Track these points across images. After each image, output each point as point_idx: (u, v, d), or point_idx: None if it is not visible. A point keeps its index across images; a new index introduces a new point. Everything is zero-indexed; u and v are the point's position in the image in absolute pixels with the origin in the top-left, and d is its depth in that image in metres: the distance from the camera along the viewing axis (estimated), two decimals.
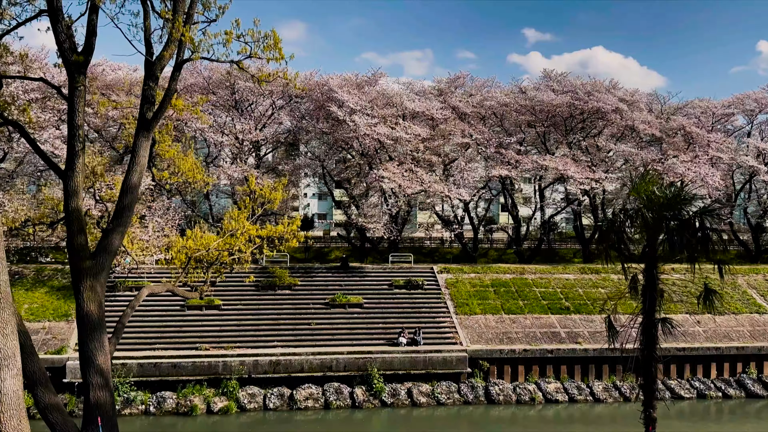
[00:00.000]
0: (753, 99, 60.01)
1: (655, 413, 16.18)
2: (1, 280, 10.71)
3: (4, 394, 10.67)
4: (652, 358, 15.85)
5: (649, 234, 14.90)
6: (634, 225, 15.19)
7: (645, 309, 15.61)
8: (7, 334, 10.76)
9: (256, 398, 36.40)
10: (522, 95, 54.63)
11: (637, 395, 38.79)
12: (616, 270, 52.26)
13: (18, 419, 10.82)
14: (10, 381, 10.75)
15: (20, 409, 10.91)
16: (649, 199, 14.45)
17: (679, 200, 14.24)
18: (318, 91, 52.80)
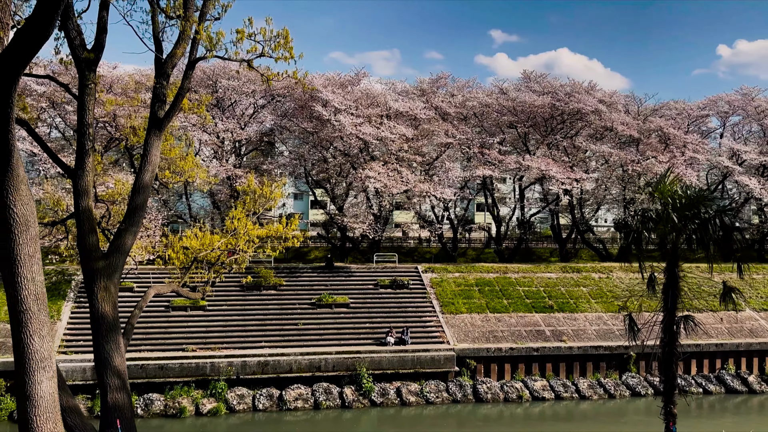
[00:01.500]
0: (726, 101, 61.46)
1: (675, 409, 16.45)
2: (36, 280, 10.50)
3: (40, 397, 10.47)
4: (673, 355, 16.09)
5: (673, 233, 15.19)
6: (657, 225, 15.43)
7: (667, 306, 15.80)
8: (44, 335, 10.56)
9: (245, 399, 36.15)
10: (504, 96, 55.12)
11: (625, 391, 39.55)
12: (596, 269, 53.32)
13: (54, 422, 10.63)
14: (46, 384, 10.56)
15: (56, 412, 10.71)
16: (672, 199, 14.76)
17: (701, 200, 14.58)
18: (300, 90, 52.54)
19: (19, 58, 8.42)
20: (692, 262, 17.11)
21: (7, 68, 8.49)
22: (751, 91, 60.21)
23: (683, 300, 16.16)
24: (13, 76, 8.69)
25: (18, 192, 10.12)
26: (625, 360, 41.84)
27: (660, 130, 54.94)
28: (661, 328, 16.32)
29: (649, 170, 52.04)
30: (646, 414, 37.89)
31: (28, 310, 10.33)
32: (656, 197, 15.13)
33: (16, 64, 8.50)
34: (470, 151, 52.52)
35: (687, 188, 15.26)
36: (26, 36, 8.12)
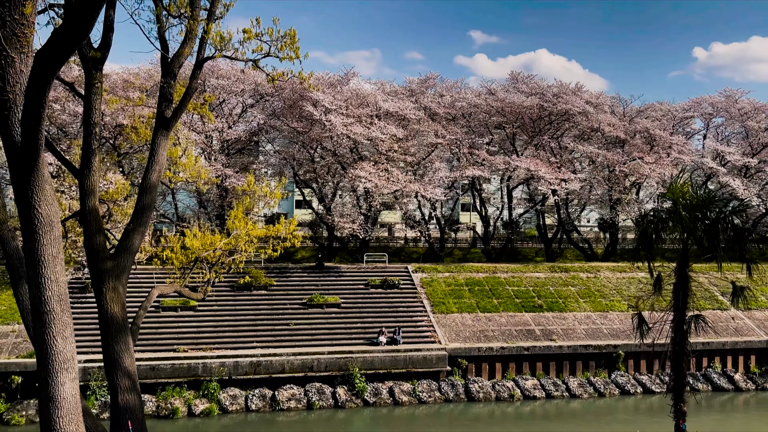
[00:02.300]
0: (709, 103, 62.31)
1: (685, 407, 16.68)
2: (60, 281, 10.42)
3: (63, 399, 10.39)
4: (683, 353, 16.32)
5: (684, 233, 15.42)
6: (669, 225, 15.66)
7: (677, 306, 16.03)
8: (67, 336, 10.47)
9: (238, 400, 36.00)
10: (492, 97, 55.41)
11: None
12: (584, 269, 53.78)
13: (76, 424, 10.55)
14: (69, 385, 10.48)
15: (78, 413, 10.63)
16: (684, 200, 14.98)
17: (712, 201, 14.82)
18: (289, 90, 52.46)
19: (55, 57, 8.36)
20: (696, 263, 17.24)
21: (43, 67, 8.42)
22: (735, 93, 61.13)
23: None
24: (48, 76, 8.63)
25: (43, 192, 10.04)
26: (614, 359, 42.27)
27: (646, 131, 55.58)
28: (672, 327, 16.52)
29: (635, 171, 52.61)
30: (636, 412, 38.40)
31: (52, 311, 10.25)
32: (668, 198, 15.31)
33: (52, 63, 8.44)
34: (460, 152, 52.74)
35: (698, 189, 15.48)
36: (64, 35, 8.06)
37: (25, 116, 9.00)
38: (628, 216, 59.13)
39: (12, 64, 9.62)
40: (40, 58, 8.40)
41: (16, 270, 14.80)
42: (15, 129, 9.68)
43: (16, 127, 9.69)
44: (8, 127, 9.70)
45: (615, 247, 62.42)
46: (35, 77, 8.54)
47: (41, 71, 8.46)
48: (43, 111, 8.91)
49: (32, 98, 8.75)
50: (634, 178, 55.97)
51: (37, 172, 9.86)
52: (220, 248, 21.21)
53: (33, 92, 8.71)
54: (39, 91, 8.70)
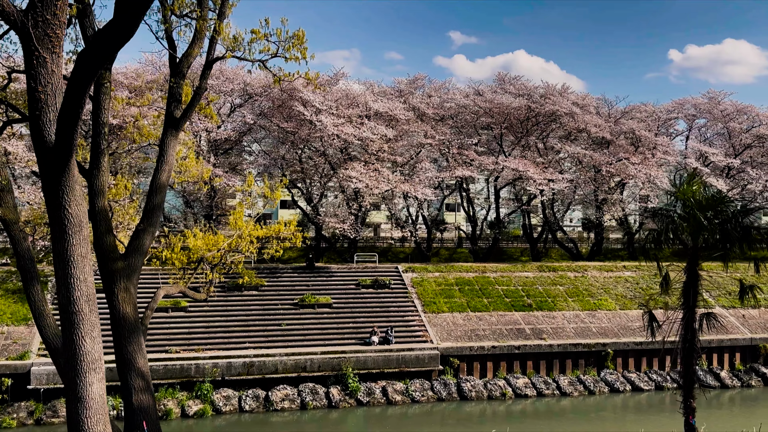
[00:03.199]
0: (692, 104, 63.24)
1: (695, 403, 16.99)
2: (88, 281, 10.41)
3: (91, 399, 10.37)
4: (693, 350, 16.64)
5: (695, 232, 15.72)
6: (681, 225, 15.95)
7: (688, 304, 16.33)
8: (95, 337, 10.47)
9: (231, 400, 35.91)
10: (481, 97, 55.75)
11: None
12: (571, 268, 54.30)
13: (104, 424, 10.54)
14: (97, 385, 10.47)
15: (105, 413, 10.62)
16: (695, 200, 15.28)
17: (722, 201, 15.14)
18: (278, 90, 52.36)
19: (98, 57, 8.36)
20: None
21: (86, 67, 8.42)
22: (718, 95, 62.10)
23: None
24: (90, 76, 8.62)
25: (73, 192, 10.03)
26: (603, 357, 42.77)
27: (632, 132, 56.26)
28: (682, 324, 16.83)
29: (622, 171, 53.23)
30: (624, 410, 38.92)
31: (81, 311, 10.24)
32: (678, 198, 15.61)
33: (95, 63, 8.44)
34: (449, 152, 53.01)
35: (707, 189, 15.81)
36: (108, 36, 8.07)
37: (63, 116, 8.99)
38: (613, 216, 59.83)
39: (44, 64, 9.61)
40: (84, 58, 8.40)
41: (27, 270, 14.70)
42: (47, 129, 9.66)
43: (48, 127, 9.68)
44: (39, 128, 9.68)
45: (600, 246, 63.10)
46: (77, 77, 8.54)
47: (84, 71, 8.47)
48: (81, 111, 8.92)
49: (72, 98, 8.75)
50: (619, 178, 56.63)
51: (68, 172, 9.86)
52: (224, 248, 21.19)
53: (73, 92, 8.71)
54: (79, 91, 8.70)
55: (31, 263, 14.88)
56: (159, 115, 24.59)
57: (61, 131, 9.19)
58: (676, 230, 15.73)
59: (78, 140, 9.56)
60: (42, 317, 14.56)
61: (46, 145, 9.70)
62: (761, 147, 61.16)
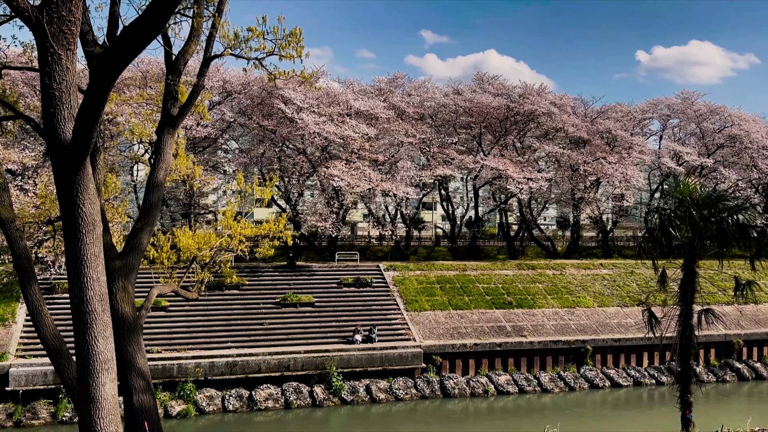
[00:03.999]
0: (666, 105, 64.33)
1: (692, 398, 17.34)
2: (101, 280, 10.30)
3: (104, 399, 10.27)
4: (690, 346, 16.97)
5: (693, 230, 16.03)
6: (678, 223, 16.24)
7: (685, 300, 16.66)
8: (107, 336, 10.36)
9: (215, 400, 35.70)
10: (461, 97, 56.06)
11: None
12: (550, 266, 54.88)
13: (116, 424, 10.45)
14: (109, 386, 10.36)
15: (117, 414, 10.52)
16: (692, 199, 15.60)
17: (719, 200, 15.48)
18: (257, 87, 52.09)
19: (125, 54, 8.28)
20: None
21: (112, 64, 8.34)
22: (691, 96, 63.24)
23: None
24: (115, 73, 8.54)
25: (87, 191, 9.92)
26: (582, 354, 43.34)
27: (608, 132, 57.04)
28: (679, 321, 17.17)
29: (599, 170, 53.93)
30: (604, 406, 39.52)
31: (94, 311, 10.13)
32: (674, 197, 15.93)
33: (121, 60, 8.35)
34: (430, 151, 53.22)
35: (703, 188, 16.14)
36: (132, 35, 7.99)
37: (84, 113, 8.88)
38: (589, 214, 60.61)
39: (59, 61, 9.49)
40: (110, 54, 8.31)
41: (25, 270, 14.46)
42: (61, 127, 9.54)
43: (63, 124, 9.56)
44: (54, 125, 9.56)
45: (577, 244, 63.89)
46: (101, 73, 8.44)
47: (109, 67, 8.37)
48: (102, 109, 8.82)
49: (94, 95, 8.65)
50: (594, 177, 57.39)
51: (83, 171, 9.74)
52: (216, 247, 21.07)
53: (96, 89, 8.61)
54: (103, 88, 8.60)
55: (28, 263, 14.65)
56: (152, 113, 24.34)
57: (80, 129, 9.08)
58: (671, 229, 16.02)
59: (94, 138, 9.46)
60: (40, 317, 14.35)
61: (61, 143, 9.58)
62: (732, 147, 62.43)
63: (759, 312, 49.05)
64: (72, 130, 9.49)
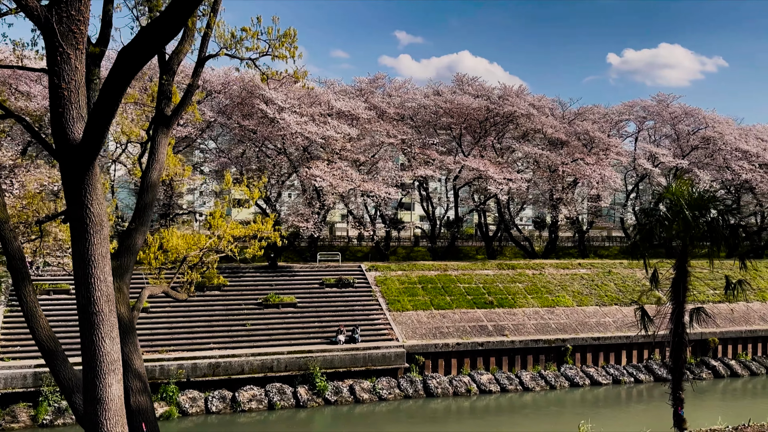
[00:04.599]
0: (642, 107, 65.32)
1: (683, 394, 17.66)
2: (108, 281, 10.23)
3: (110, 400, 10.21)
4: (682, 343, 17.30)
5: (685, 230, 16.35)
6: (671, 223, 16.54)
7: (678, 299, 16.97)
8: (114, 337, 10.31)
9: (198, 402, 35.47)
10: (441, 98, 56.35)
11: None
12: (529, 266, 55.33)
13: (122, 426, 10.41)
14: (116, 387, 10.31)
15: (123, 415, 10.47)
16: (685, 200, 15.91)
17: (710, 200, 15.81)
18: (237, 87, 51.86)
19: (143, 53, 8.24)
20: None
21: (129, 64, 8.30)
22: (667, 98, 64.29)
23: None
24: (132, 72, 8.50)
25: (95, 191, 9.87)
26: (563, 352, 43.85)
27: (586, 134, 57.75)
28: (671, 319, 17.50)
29: (577, 171, 54.58)
30: (584, 404, 40.03)
31: (101, 312, 10.07)
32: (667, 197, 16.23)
33: (139, 59, 8.32)
34: (412, 151, 53.42)
35: (695, 189, 16.47)
36: (153, 33, 7.97)
37: (97, 113, 8.82)
38: (567, 215, 61.28)
39: (68, 60, 9.43)
40: (128, 53, 8.27)
41: (19, 271, 14.29)
42: (70, 126, 9.48)
43: (71, 124, 9.50)
44: (62, 125, 9.50)
45: (555, 244, 64.56)
46: (118, 73, 8.39)
47: (126, 67, 8.33)
48: (116, 108, 8.78)
49: (109, 94, 8.60)
50: (572, 178, 58.07)
51: (91, 171, 9.70)
52: (206, 248, 20.96)
53: (112, 88, 8.56)
54: (118, 87, 8.56)
55: (22, 263, 14.48)
56: (142, 113, 24.14)
57: (92, 129, 9.03)
58: (663, 229, 16.35)
59: (105, 138, 9.43)
60: (35, 319, 14.19)
61: (70, 143, 9.52)
62: (706, 149, 63.60)
63: (734, 311, 50.02)
64: (83, 129, 9.44)
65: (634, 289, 52.20)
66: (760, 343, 48.17)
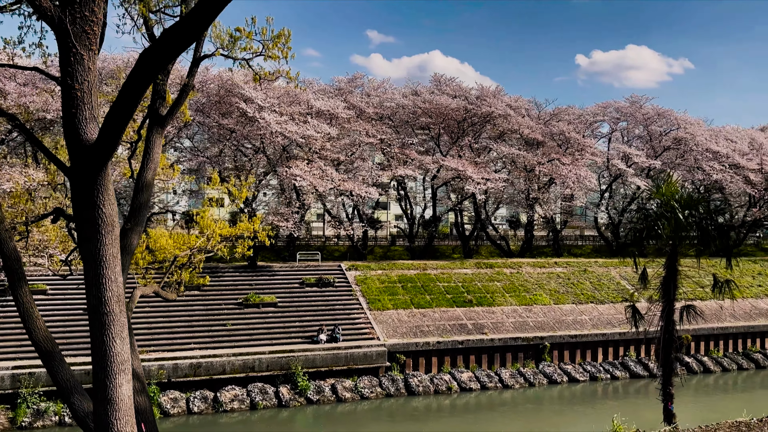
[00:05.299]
0: (615, 108, 66.34)
1: (673, 389, 18.09)
2: (118, 281, 10.23)
3: (120, 400, 10.21)
4: (672, 340, 17.73)
5: (676, 230, 16.77)
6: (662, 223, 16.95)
7: (668, 297, 17.39)
8: (124, 337, 10.31)
9: (179, 402, 35.27)
10: (420, 98, 56.64)
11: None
12: (507, 264, 55.84)
13: (131, 425, 10.41)
14: (126, 387, 10.31)
15: (132, 415, 10.47)
16: (676, 201, 16.33)
17: (699, 201, 16.26)
18: (215, 85, 51.55)
19: (167, 54, 8.26)
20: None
21: (151, 65, 8.31)
22: (640, 99, 65.40)
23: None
24: (153, 74, 8.52)
25: (107, 192, 9.86)
26: (541, 350, 44.44)
27: (562, 134, 58.51)
28: (662, 316, 17.91)
29: (554, 171, 55.29)
30: (562, 401, 40.66)
31: (111, 312, 10.06)
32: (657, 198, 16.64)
33: (161, 60, 8.34)
34: (391, 151, 53.62)
35: (684, 190, 16.91)
36: (177, 35, 7.99)
37: (115, 114, 8.82)
38: (543, 214, 62.01)
39: (81, 61, 9.42)
40: (150, 55, 8.29)
41: (14, 271, 14.13)
42: (83, 127, 9.46)
43: (84, 125, 9.48)
44: (75, 125, 9.48)
45: (530, 243, 65.28)
46: (139, 74, 8.40)
47: (147, 69, 8.33)
48: (134, 110, 8.80)
49: (128, 96, 8.61)
50: (548, 178, 58.80)
51: (104, 172, 9.70)
52: (197, 248, 20.91)
53: (131, 90, 8.56)
54: (138, 89, 8.57)
55: (18, 264, 14.33)
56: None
57: (109, 130, 9.03)
58: (655, 228, 16.76)
59: (120, 140, 9.44)
60: (31, 319, 14.07)
61: (83, 143, 9.51)
62: (678, 149, 64.85)
63: (705, 308, 51.08)
64: (98, 130, 9.44)
65: (609, 288, 53.07)
66: (731, 340, 49.27)
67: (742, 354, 48.81)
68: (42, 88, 44.38)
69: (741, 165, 62.69)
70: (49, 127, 46.86)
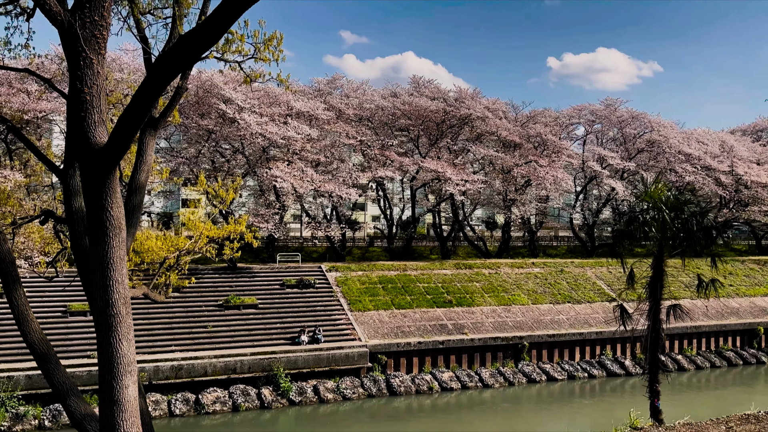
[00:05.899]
0: (590, 111, 67.34)
1: (659, 387, 18.53)
2: (125, 283, 10.29)
3: (127, 402, 10.27)
4: (659, 338, 18.16)
5: (663, 231, 17.21)
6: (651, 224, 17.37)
7: (655, 297, 17.81)
8: (130, 339, 10.37)
9: (161, 405, 35.09)
10: (399, 99, 56.94)
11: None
12: (486, 265, 56.35)
13: (137, 426, 10.48)
14: (132, 388, 10.37)
15: (138, 416, 10.53)
16: (663, 202, 16.77)
17: (686, 203, 16.72)
18: (194, 85, 51.26)
19: (185, 59, 8.34)
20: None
21: (167, 70, 8.40)
22: (614, 102, 66.49)
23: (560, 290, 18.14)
24: (168, 79, 8.61)
25: (115, 194, 9.93)
26: (520, 349, 44.99)
27: (539, 136, 59.26)
28: (648, 315, 18.35)
29: (531, 173, 55.95)
30: (540, 400, 41.22)
31: (118, 314, 10.12)
32: (644, 201, 17.07)
33: (178, 65, 8.41)
34: (371, 152, 53.83)
35: (671, 192, 17.37)
36: (195, 40, 8.07)
37: (127, 118, 8.89)
38: (521, 215, 62.71)
39: (90, 65, 9.48)
40: (167, 59, 8.36)
41: (9, 274, 14.09)
42: (91, 130, 9.53)
43: (93, 128, 9.54)
44: (83, 129, 9.53)
45: (507, 244, 65.95)
46: (154, 79, 8.48)
47: (164, 73, 8.41)
48: (148, 114, 8.88)
49: (143, 100, 8.69)
50: (525, 179, 59.50)
51: (113, 175, 9.77)
52: (186, 250, 20.90)
53: (146, 94, 8.64)
54: (154, 94, 8.66)
55: (12, 266, 14.29)
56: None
57: (120, 134, 9.10)
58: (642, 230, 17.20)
59: (130, 144, 9.51)
60: (26, 322, 14.04)
61: (91, 147, 9.57)
62: (651, 152, 66.04)
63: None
64: (108, 133, 9.51)
65: (586, 288, 53.86)
66: (704, 338, 50.33)
67: (714, 352, 49.88)
68: (18, 89, 43.82)
69: (712, 167, 64.05)
70: (25, 127, 46.24)
